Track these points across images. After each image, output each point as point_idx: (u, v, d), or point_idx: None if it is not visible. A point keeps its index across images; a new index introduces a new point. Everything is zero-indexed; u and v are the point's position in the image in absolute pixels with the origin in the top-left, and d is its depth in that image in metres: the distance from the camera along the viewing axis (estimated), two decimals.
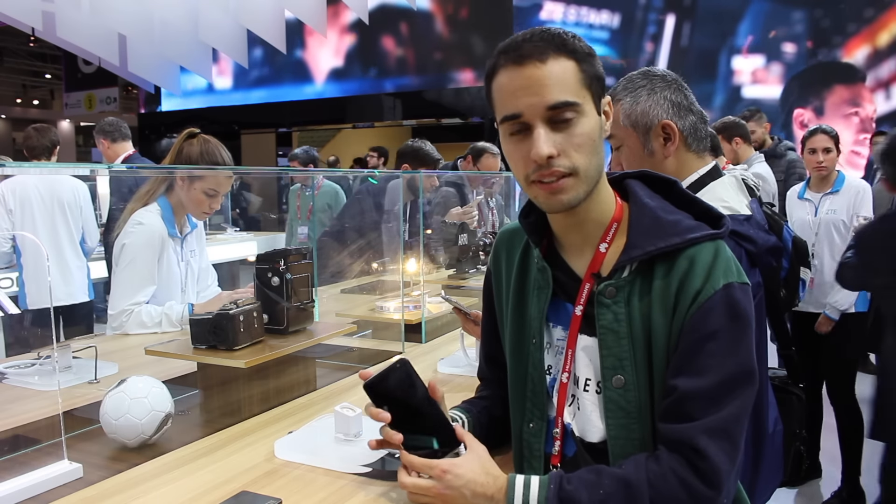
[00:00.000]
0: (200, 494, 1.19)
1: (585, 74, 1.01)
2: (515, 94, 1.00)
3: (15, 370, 1.82)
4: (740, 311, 1.00)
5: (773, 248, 1.46)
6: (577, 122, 1.00)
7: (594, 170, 1.02)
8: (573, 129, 1.00)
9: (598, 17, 8.66)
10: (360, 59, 11.35)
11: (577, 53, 1.01)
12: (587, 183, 1.02)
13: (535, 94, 0.98)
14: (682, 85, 1.51)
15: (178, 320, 2.18)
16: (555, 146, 0.99)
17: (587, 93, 1.01)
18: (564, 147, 0.99)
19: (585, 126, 1.00)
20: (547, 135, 0.99)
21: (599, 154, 1.03)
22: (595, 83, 1.02)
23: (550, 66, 0.98)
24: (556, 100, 0.98)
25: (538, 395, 1.14)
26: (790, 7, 7.80)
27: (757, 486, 1.48)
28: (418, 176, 3.22)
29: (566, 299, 1.11)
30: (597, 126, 1.03)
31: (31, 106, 20.36)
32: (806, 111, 7.68)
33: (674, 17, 8.34)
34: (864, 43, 7.46)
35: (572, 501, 0.98)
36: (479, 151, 4.37)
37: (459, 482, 1.02)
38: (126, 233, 2.23)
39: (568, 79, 0.99)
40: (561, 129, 0.99)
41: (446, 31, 10.43)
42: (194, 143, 2.28)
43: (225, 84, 12.45)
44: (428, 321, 2.35)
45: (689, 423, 0.98)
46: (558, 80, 0.98)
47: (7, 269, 4.04)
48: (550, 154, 0.98)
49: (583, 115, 1.00)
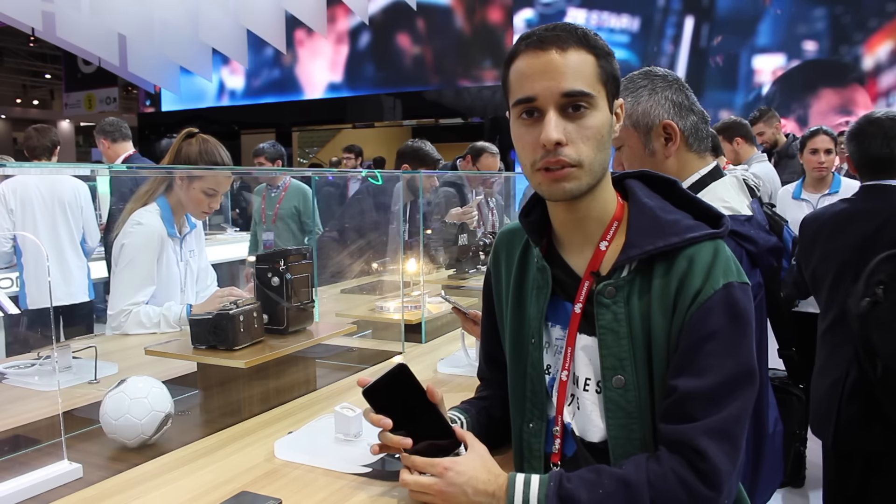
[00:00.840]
0: (200, 494, 1.19)
1: (602, 70, 1.02)
2: (532, 77, 1.01)
3: (15, 370, 1.82)
4: (740, 310, 1.00)
5: (774, 249, 1.46)
6: (588, 114, 1.00)
7: (599, 165, 1.03)
8: (584, 120, 1.00)
9: (619, 21, 8.70)
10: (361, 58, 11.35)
11: (598, 49, 1.03)
12: (591, 176, 1.02)
13: (552, 79, 0.99)
14: (683, 85, 1.51)
15: (177, 321, 2.18)
16: (564, 134, 0.99)
17: (602, 88, 1.02)
18: (573, 137, 1.00)
19: (596, 119, 1.01)
20: (558, 121, 1.00)
21: (606, 150, 1.04)
22: (611, 82, 1.04)
23: (570, 55, 1.00)
24: (571, 87, 0.99)
25: (538, 395, 1.14)
26: (811, 4, 7.74)
27: (757, 486, 1.48)
28: (418, 176, 3.22)
29: (565, 298, 1.11)
30: (607, 122, 1.03)
31: (31, 106, 20.36)
32: (789, 121, 7.65)
33: (693, 18, 8.33)
34: (886, 39, 7.38)
35: (572, 499, 0.98)
36: (479, 151, 4.37)
37: (461, 479, 1.02)
38: (125, 233, 2.23)
39: (586, 70, 1.00)
40: (572, 118, 1.00)
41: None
42: (193, 143, 2.28)
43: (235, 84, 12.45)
44: (428, 321, 2.35)
45: (689, 424, 0.98)
46: (577, 69, 1.00)
47: (7, 269, 4.05)
48: (559, 140, 0.99)
49: (595, 109, 1.01)
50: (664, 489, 0.97)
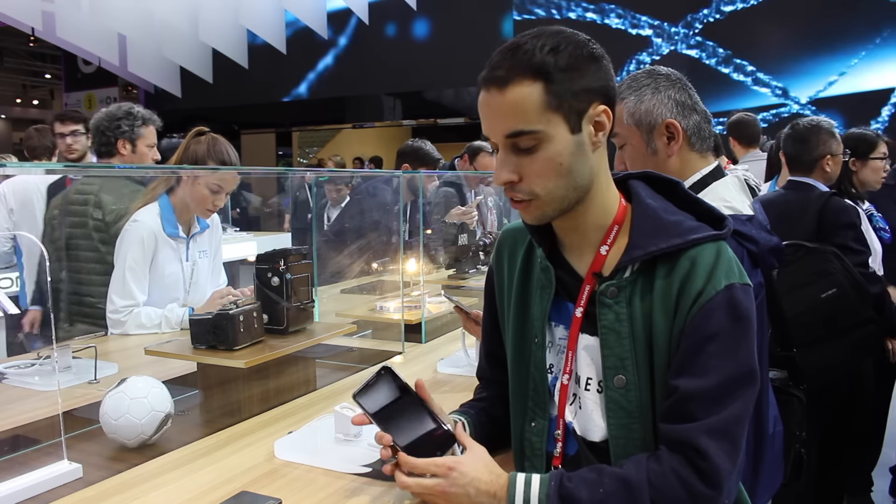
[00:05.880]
0: (200, 494, 1.18)
1: (553, 96, 0.97)
2: (483, 116, 1.03)
3: (15, 370, 1.81)
4: (742, 311, 1.00)
5: (775, 249, 1.46)
6: (540, 147, 1.00)
7: (562, 190, 1.02)
8: (535, 154, 1.00)
9: None
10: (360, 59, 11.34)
11: (548, 74, 0.97)
12: (554, 203, 1.03)
13: (494, 120, 1.01)
14: (687, 84, 1.51)
15: (178, 324, 2.18)
16: (516, 170, 1.01)
17: (554, 115, 0.98)
18: (525, 171, 1.01)
19: (549, 151, 1.00)
20: (507, 160, 1.01)
21: (572, 173, 1.02)
22: (570, 101, 0.99)
23: (511, 93, 0.98)
24: (511, 129, 0.99)
25: (540, 395, 1.14)
26: None
27: (757, 487, 1.48)
28: (418, 176, 3.21)
29: (568, 299, 1.11)
30: (566, 147, 1.00)
31: (30, 106, 20.33)
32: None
33: None
34: None
35: (572, 499, 0.98)
36: (476, 150, 4.37)
37: (465, 479, 1.02)
38: (122, 231, 2.23)
39: (528, 107, 0.98)
40: (523, 154, 1.01)
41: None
42: (202, 142, 2.27)
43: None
44: (428, 321, 2.35)
45: (690, 424, 0.98)
46: (517, 108, 0.98)
47: (7, 269, 4.04)
48: (509, 180, 1.02)
49: (546, 141, 0.99)
50: (664, 487, 0.97)
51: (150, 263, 2.24)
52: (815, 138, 2.55)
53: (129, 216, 2.26)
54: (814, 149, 2.54)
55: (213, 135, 2.31)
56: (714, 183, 1.50)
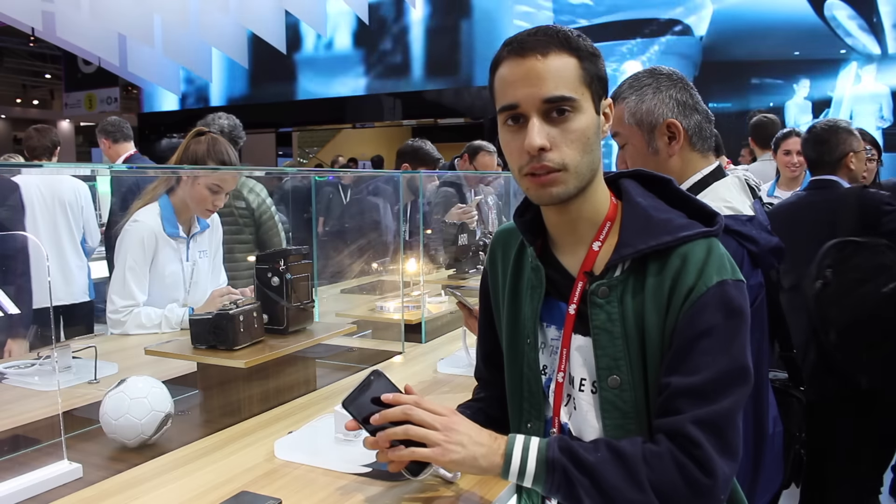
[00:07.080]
0: (200, 494, 1.18)
1: (586, 72, 1.02)
2: (515, 84, 1.01)
3: (15, 370, 1.81)
4: (735, 307, 1.00)
5: (775, 249, 1.46)
6: (572, 117, 1.00)
7: (586, 167, 1.03)
8: (568, 124, 1.00)
9: None
10: (359, 59, 11.35)
11: (580, 51, 1.02)
12: (578, 179, 1.02)
13: (532, 86, 0.99)
14: (688, 84, 1.51)
15: (178, 324, 2.17)
16: (548, 139, 1.00)
17: (586, 90, 1.02)
18: (557, 141, 1.00)
19: (581, 122, 1.01)
20: (541, 127, 1.00)
21: (593, 152, 1.04)
22: (596, 83, 1.03)
23: (551, 60, 1.00)
24: (552, 93, 0.99)
25: (534, 395, 1.14)
26: None
27: (757, 487, 1.48)
28: (418, 176, 3.21)
29: (560, 298, 1.11)
30: (593, 124, 1.03)
31: (31, 106, 20.33)
32: None
33: None
34: None
35: (571, 450, 1.00)
36: (475, 150, 4.36)
37: (462, 426, 1.06)
38: (122, 230, 2.24)
39: (567, 74, 1.00)
40: (556, 123, 1.00)
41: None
42: (202, 142, 2.28)
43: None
44: (428, 321, 2.35)
45: (679, 416, 0.98)
46: (557, 74, 1.00)
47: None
48: (543, 146, 0.99)
49: (579, 112, 1.01)
50: (660, 469, 0.97)
51: (151, 263, 2.24)
52: (835, 138, 2.52)
53: (130, 216, 2.27)
54: (835, 149, 2.51)
55: (213, 135, 2.31)
56: (715, 183, 1.49)
